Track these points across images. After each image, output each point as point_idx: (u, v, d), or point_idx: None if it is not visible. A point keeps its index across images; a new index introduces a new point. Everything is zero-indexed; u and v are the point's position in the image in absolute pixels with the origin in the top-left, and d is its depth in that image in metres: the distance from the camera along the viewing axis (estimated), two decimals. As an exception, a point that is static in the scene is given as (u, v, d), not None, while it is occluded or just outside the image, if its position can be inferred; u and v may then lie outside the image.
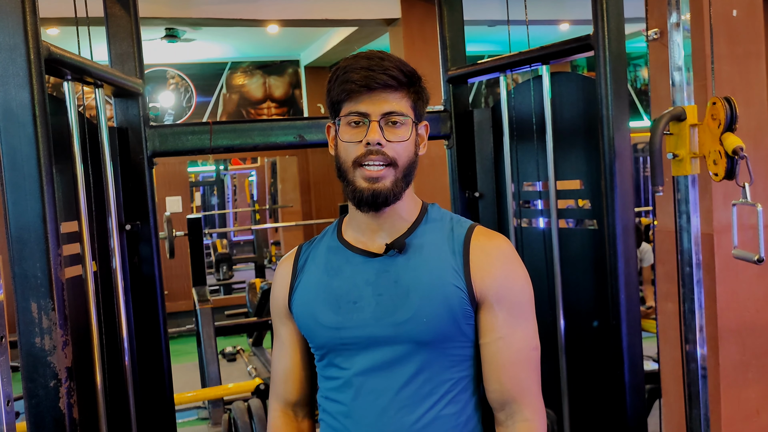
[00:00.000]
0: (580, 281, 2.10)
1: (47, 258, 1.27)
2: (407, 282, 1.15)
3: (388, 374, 1.15)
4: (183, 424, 4.48)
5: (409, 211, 1.22)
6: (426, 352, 1.15)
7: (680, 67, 1.75)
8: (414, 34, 5.15)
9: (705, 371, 1.84)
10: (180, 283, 7.23)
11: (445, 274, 1.16)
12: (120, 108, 2.00)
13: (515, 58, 2.13)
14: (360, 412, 1.17)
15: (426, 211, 1.24)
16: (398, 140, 1.13)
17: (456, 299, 1.15)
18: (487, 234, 1.22)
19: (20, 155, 1.27)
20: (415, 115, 1.17)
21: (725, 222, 2.27)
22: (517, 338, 1.17)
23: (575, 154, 2.09)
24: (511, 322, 1.17)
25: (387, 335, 1.14)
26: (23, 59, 1.27)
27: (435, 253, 1.18)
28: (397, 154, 1.14)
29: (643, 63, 8.87)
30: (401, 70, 1.14)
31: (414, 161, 1.18)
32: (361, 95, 1.13)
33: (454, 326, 1.16)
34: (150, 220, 1.99)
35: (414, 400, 1.14)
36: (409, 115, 1.15)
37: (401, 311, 1.14)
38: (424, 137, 1.24)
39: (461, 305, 1.15)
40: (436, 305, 1.14)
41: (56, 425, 1.29)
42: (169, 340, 2.06)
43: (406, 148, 1.15)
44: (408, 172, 1.17)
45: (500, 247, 1.20)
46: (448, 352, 1.17)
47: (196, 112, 7.72)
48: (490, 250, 1.18)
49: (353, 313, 1.17)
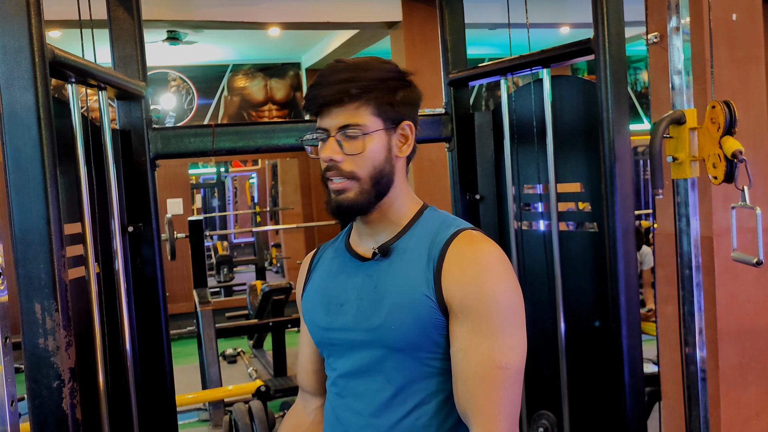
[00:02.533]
0: (580, 284, 2.11)
1: (51, 259, 1.28)
2: (384, 288, 1.15)
3: (367, 378, 1.17)
4: (184, 425, 4.49)
5: (402, 215, 1.20)
6: (399, 359, 1.14)
7: (680, 70, 1.76)
8: (415, 37, 5.17)
9: (705, 374, 1.85)
10: (181, 285, 7.24)
11: (417, 281, 1.12)
12: (123, 110, 2.01)
13: (516, 62, 2.15)
14: (343, 411, 1.21)
15: (420, 215, 1.21)
16: (353, 153, 1.13)
17: (425, 309, 1.11)
18: (469, 240, 1.14)
19: (24, 157, 1.28)
20: (385, 120, 1.14)
21: (724, 225, 2.28)
22: (479, 353, 1.08)
23: (575, 157, 2.10)
24: (476, 334, 1.09)
25: (363, 340, 1.16)
26: (28, 62, 1.28)
27: (413, 259, 1.15)
28: (357, 167, 1.13)
29: (643, 66, 8.88)
30: (352, 80, 1.12)
31: (384, 168, 1.15)
32: (322, 110, 1.15)
33: (424, 336, 1.12)
34: (152, 221, 2.00)
35: (389, 405, 1.15)
36: (368, 124, 1.13)
37: (374, 317, 1.15)
38: (407, 137, 1.19)
39: (430, 315, 1.11)
40: (404, 313, 1.12)
41: (59, 425, 1.30)
42: (170, 341, 2.07)
43: (368, 159, 1.13)
44: (378, 180, 1.14)
45: (477, 253, 1.11)
46: (423, 361, 1.13)
47: (197, 114, 7.74)
48: (464, 256, 1.11)
49: (339, 315, 1.20)
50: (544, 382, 2.24)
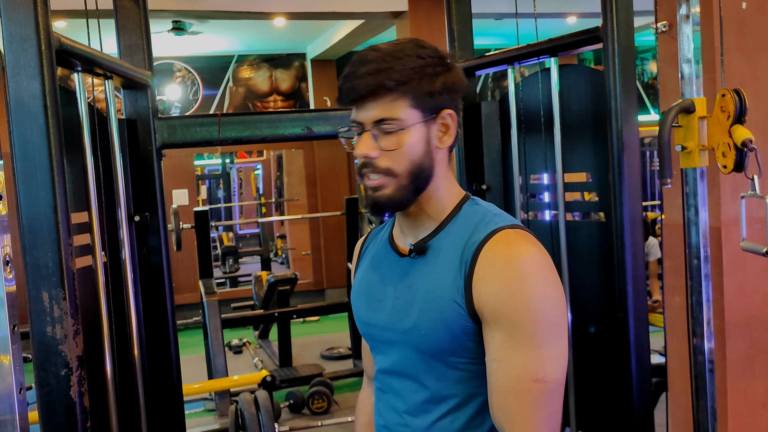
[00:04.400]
0: (587, 274, 2.10)
1: (58, 248, 1.28)
2: (417, 288, 1.11)
3: (403, 378, 1.14)
4: (190, 415, 4.51)
5: (440, 210, 1.13)
6: (431, 363, 1.10)
7: (689, 59, 1.75)
8: (421, 27, 5.14)
9: (712, 364, 1.84)
10: (187, 275, 7.26)
11: (447, 285, 1.07)
12: (129, 100, 2.01)
13: (524, 51, 2.13)
14: (383, 406, 1.19)
15: (459, 209, 1.12)
16: (390, 149, 1.07)
17: (453, 315, 1.06)
18: (504, 242, 1.05)
19: (31, 146, 1.28)
20: (423, 111, 1.07)
21: (733, 215, 2.27)
22: (515, 365, 1.02)
23: (583, 146, 2.09)
24: (510, 345, 1.02)
25: (397, 340, 1.13)
26: (34, 50, 1.28)
27: (446, 261, 1.08)
28: (393, 162, 1.07)
29: (650, 57, 8.83)
30: (388, 71, 1.05)
31: (423, 162, 1.08)
32: (356, 102, 1.09)
33: (454, 341, 1.07)
34: (159, 211, 2.01)
35: (425, 407, 1.12)
36: (405, 117, 1.06)
37: (406, 319, 1.11)
38: (448, 126, 1.10)
39: (459, 321, 1.05)
40: (433, 318, 1.08)
41: (67, 413, 1.31)
42: (177, 330, 2.08)
43: (406, 154, 1.07)
44: (417, 175, 1.08)
45: (512, 257, 1.03)
46: (456, 366, 1.09)
47: (202, 105, 7.73)
48: (498, 261, 1.03)
49: (377, 312, 1.17)
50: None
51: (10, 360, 1.17)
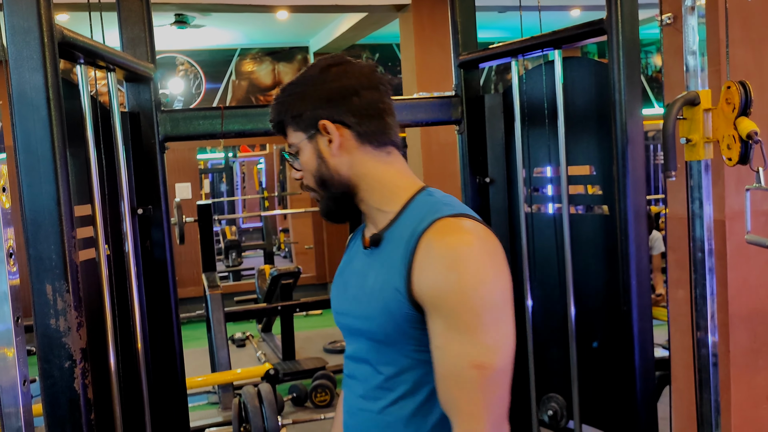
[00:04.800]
0: (591, 267, 2.10)
1: (62, 240, 1.28)
2: (370, 278, 1.16)
3: (360, 363, 1.20)
4: (193, 408, 4.52)
5: (390, 203, 1.17)
6: (382, 350, 1.15)
7: (695, 51, 1.74)
8: (424, 20, 5.12)
9: (716, 358, 1.84)
10: (190, 269, 7.27)
11: (392, 274, 1.10)
12: (132, 92, 2.01)
13: (527, 43, 2.12)
14: (347, 390, 1.27)
15: (412, 200, 1.17)
16: (300, 169, 1.22)
17: (395, 303, 1.09)
18: (443, 230, 1.07)
19: (34, 138, 1.28)
20: (304, 130, 1.17)
21: (737, 208, 2.26)
22: (455, 352, 1.04)
23: (587, 139, 2.08)
24: (449, 333, 1.04)
25: (355, 327, 1.20)
26: (37, 42, 1.27)
27: (394, 250, 1.12)
28: (308, 180, 1.21)
29: (654, 50, 8.80)
30: (275, 108, 1.21)
31: (323, 173, 1.18)
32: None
33: (397, 329, 1.11)
34: (162, 204, 2.00)
35: (378, 392, 1.16)
36: (295, 141, 1.19)
37: (361, 307, 1.17)
38: (328, 135, 1.16)
39: (401, 309, 1.09)
40: (379, 306, 1.12)
41: (71, 405, 1.31)
42: (180, 323, 2.08)
43: (308, 171, 1.20)
44: (326, 185, 1.19)
45: (448, 246, 1.05)
46: (405, 353, 1.12)
47: (205, 98, 7.73)
48: (434, 249, 1.06)
49: (343, 301, 1.25)
50: (553, 365, 2.24)
51: (14, 352, 1.17)
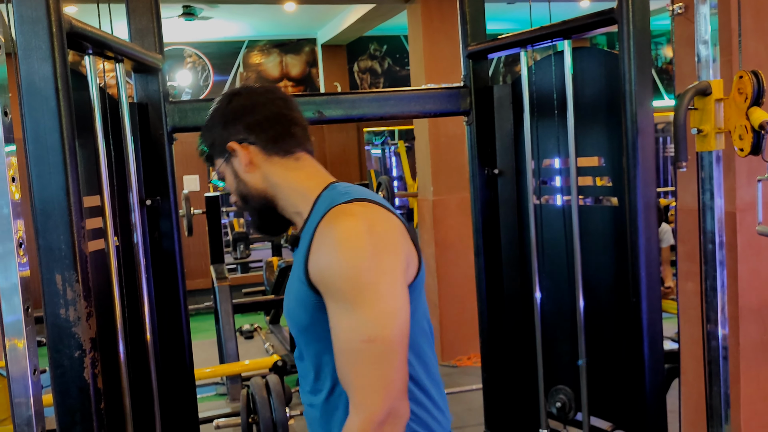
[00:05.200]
0: (599, 259, 2.09)
1: (71, 230, 1.28)
2: (292, 277, 1.23)
3: (300, 360, 1.28)
4: (202, 399, 4.54)
5: (303, 205, 1.24)
6: (306, 340, 1.21)
7: (706, 41, 1.72)
8: (432, 12, 5.08)
9: (726, 351, 1.83)
10: (198, 261, 7.29)
11: (299, 266, 1.17)
12: (140, 83, 2.01)
13: (536, 33, 2.11)
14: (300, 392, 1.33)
15: (319, 198, 1.23)
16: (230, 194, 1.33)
17: (302, 292, 1.16)
18: (331, 217, 1.14)
19: (43, 128, 1.28)
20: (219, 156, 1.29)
21: (748, 200, 2.24)
22: (344, 328, 1.10)
23: (596, 131, 2.06)
24: (338, 311, 1.10)
25: (290, 325, 1.26)
26: (45, 32, 1.27)
27: (303, 246, 1.18)
28: (235, 200, 1.32)
29: (664, 41, 8.73)
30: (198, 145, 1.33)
31: (242, 190, 1.29)
32: None
33: (311, 317, 1.16)
34: (170, 195, 2.01)
35: (316, 385, 1.23)
36: (219, 166, 1.31)
37: (288, 306, 1.24)
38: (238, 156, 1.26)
39: (308, 297, 1.15)
40: (292, 298, 1.20)
41: (81, 394, 1.31)
42: (189, 314, 2.08)
43: (233, 192, 1.31)
44: (248, 200, 1.29)
45: (330, 230, 1.12)
46: (325, 341, 1.15)
47: (213, 90, 7.73)
48: (321, 236, 1.12)
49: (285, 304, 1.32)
50: (562, 357, 2.24)
51: (24, 343, 1.18)
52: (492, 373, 2.43)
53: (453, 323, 4.78)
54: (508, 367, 2.41)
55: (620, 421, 2.10)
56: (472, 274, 2.49)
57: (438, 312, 4.79)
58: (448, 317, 4.79)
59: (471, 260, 2.50)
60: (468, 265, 3.23)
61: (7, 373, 1.17)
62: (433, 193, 4.82)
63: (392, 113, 2.28)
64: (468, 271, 3.35)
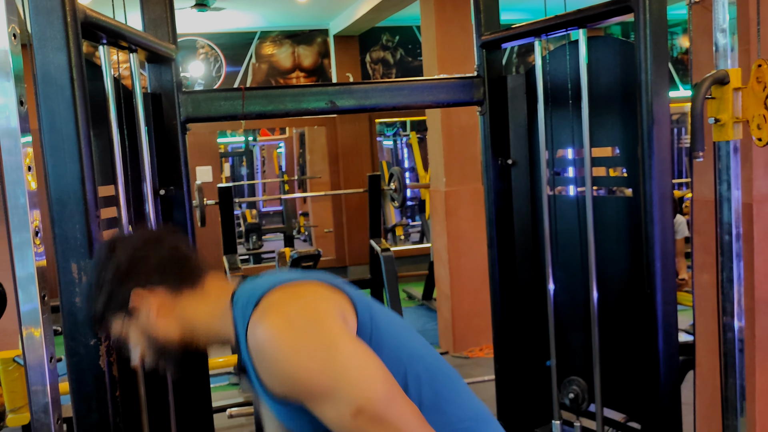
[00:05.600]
0: (613, 250, 2.07)
1: (86, 219, 1.29)
2: (263, 405, 1.21)
3: None
4: (215, 389, 4.57)
5: (227, 329, 1.18)
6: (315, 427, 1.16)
7: (724, 30, 1.69)
8: (445, 1, 5.05)
9: (742, 343, 1.81)
10: (211, 251, 7.32)
11: (259, 390, 1.14)
12: (153, 74, 2.01)
13: (551, 22, 2.09)
14: None
15: (233, 318, 1.17)
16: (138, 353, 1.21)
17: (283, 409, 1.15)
18: (252, 336, 1.11)
19: (59, 117, 1.29)
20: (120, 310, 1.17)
21: (765, 191, 2.21)
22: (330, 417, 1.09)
23: (611, 121, 2.05)
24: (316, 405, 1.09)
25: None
26: (60, 22, 1.28)
27: (249, 370, 1.15)
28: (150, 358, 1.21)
29: (680, 31, 8.63)
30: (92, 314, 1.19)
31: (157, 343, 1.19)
32: None
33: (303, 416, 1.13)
34: (183, 185, 2.01)
35: None
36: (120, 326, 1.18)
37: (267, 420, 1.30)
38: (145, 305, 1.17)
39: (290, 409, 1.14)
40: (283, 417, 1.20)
41: (96, 382, 1.33)
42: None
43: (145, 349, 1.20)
44: (167, 352, 1.20)
45: (257, 348, 1.10)
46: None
47: (225, 81, 7.74)
48: (254, 355, 1.11)
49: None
50: (575, 349, 2.23)
51: (41, 331, 1.19)
52: (504, 364, 2.42)
53: (465, 314, 4.78)
54: (520, 358, 2.41)
55: (634, 412, 2.09)
56: (484, 265, 2.48)
57: (450, 303, 4.79)
58: (460, 308, 4.79)
59: (483, 251, 2.49)
60: (480, 257, 3.22)
61: (24, 362, 1.18)
62: (445, 184, 4.81)
63: (405, 103, 2.27)
64: (480, 263, 3.34)
